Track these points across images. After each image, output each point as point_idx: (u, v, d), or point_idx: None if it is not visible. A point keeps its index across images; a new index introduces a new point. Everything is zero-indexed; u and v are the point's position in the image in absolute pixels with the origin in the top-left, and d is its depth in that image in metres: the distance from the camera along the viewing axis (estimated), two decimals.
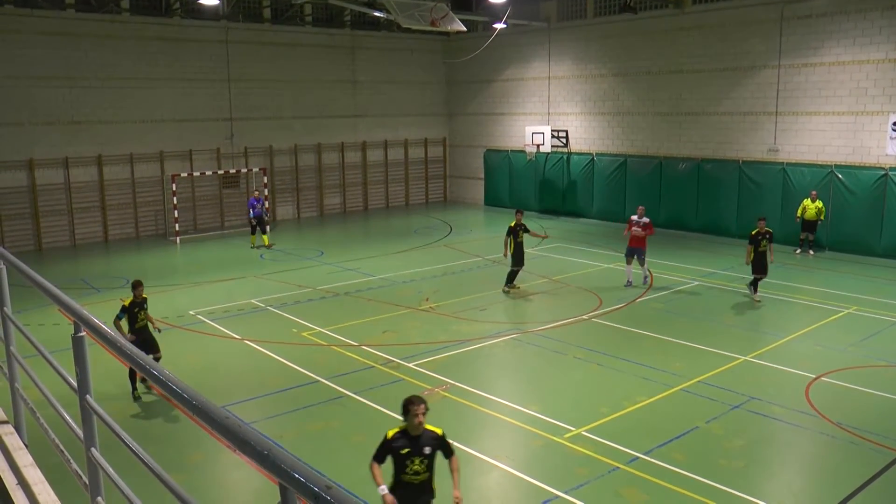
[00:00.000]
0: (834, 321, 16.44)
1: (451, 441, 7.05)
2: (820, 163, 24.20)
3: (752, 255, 17.70)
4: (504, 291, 18.64)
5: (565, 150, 31.59)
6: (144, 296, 12.54)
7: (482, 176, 35.59)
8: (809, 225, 23.42)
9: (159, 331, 12.80)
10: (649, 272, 20.11)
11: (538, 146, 31.03)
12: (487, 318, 16.63)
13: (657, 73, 28.27)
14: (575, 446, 10.37)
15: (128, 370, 12.20)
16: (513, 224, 18.73)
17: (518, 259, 18.82)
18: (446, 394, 12.20)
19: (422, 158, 36.45)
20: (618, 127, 29.88)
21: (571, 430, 10.83)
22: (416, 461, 6.80)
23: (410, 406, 6.81)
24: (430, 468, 6.91)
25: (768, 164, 25.45)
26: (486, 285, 19.47)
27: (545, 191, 32.57)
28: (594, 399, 12.12)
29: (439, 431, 6.93)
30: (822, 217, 23.38)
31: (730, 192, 26.32)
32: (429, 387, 12.42)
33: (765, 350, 14.49)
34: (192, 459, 10.13)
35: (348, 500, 2.04)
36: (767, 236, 17.64)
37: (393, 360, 13.80)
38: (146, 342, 12.26)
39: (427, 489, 6.97)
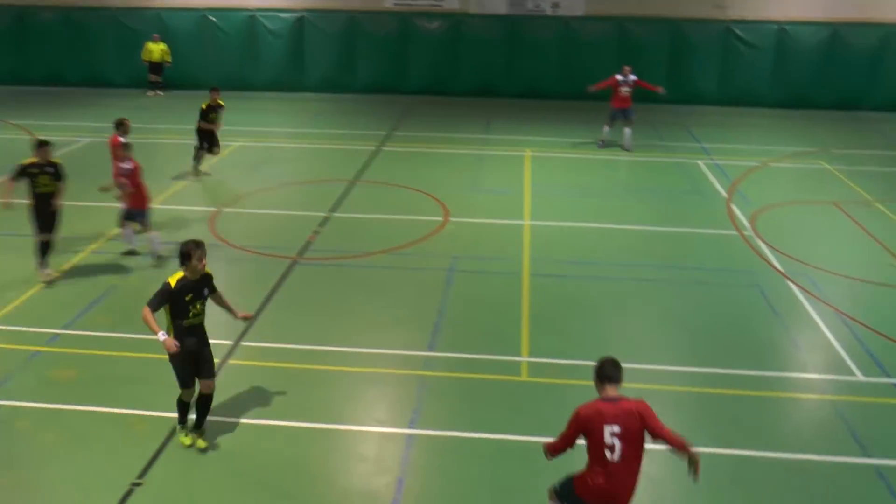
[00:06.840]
0: (226, 155, 17.50)
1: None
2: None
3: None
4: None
5: None
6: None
7: None
8: (155, 67, 24.37)
9: None
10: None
11: None
12: None
13: None
14: None
15: None
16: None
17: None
18: None
19: None
20: None
21: None
22: (198, 304, 7.07)
23: (195, 251, 6.89)
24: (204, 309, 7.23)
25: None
26: None
27: None
28: None
29: (207, 270, 7.15)
30: (167, 58, 24.34)
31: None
32: None
33: (167, 195, 14.90)
34: None
35: None
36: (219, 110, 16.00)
37: None
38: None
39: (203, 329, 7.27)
